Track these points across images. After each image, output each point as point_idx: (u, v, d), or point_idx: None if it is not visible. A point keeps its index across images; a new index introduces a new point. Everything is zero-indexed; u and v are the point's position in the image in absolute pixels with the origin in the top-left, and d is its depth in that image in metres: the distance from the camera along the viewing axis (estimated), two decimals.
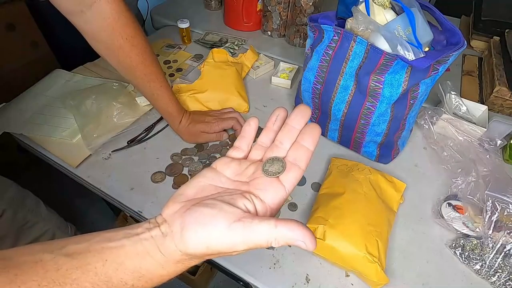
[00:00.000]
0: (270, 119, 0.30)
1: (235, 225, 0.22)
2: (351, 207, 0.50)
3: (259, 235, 0.22)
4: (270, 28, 0.99)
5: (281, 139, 0.28)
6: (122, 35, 0.51)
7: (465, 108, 0.71)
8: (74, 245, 0.22)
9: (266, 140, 0.29)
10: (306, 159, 0.27)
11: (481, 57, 0.94)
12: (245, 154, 0.30)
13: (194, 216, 0.23)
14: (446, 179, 0.61)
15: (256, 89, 0.81)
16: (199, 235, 0.22)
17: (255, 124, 0.30)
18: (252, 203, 0.25)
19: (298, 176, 0.27)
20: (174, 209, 0.25)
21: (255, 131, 0.30)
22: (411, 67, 0.49)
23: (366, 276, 0.45)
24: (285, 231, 0.22)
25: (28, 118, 0.68)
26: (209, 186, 0.27)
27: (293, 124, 0.28)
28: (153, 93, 0.59)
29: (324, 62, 0.58)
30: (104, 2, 0.48)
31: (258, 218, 0.23)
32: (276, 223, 0.22)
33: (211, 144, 0.66)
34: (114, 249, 0.23)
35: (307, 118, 0.28)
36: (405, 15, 0.50)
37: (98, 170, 0.61)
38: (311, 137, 0.27)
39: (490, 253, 0.48)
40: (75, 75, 0.79)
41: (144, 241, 0.23)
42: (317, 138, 0.27)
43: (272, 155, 0.28)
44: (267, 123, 0.30)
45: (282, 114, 0.29)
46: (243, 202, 0.24)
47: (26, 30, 1.11)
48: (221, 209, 0.23)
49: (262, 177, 0.27)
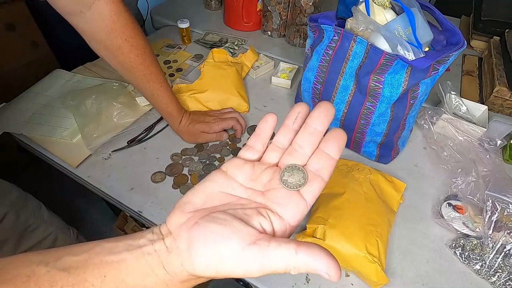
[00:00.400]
0: (290, 116, 0.26)
1: (249, 249, 0.19)
2: (351, 207, 0.50)
3: (277, 263, 0.19)
4: (270, 28, 0.98)
5: (301, 142, 0.25)
6: (121, 36, 0.51)
7: (465, 108, 0.71)
8: (71, 256, 0.20)
9: (284, 141, 0.26)
10: (330, 170, 0.24)
11: (481, 57, 0.94)
12: (260, 155, 0.26)
13: (203, 234, 0.21)
14: (446, 179, 0.61)
15: (256, 89, 0.81)
16: (208, 258, 0.20)
17: (273, 121, 0.26)
18: (269, 221, 0.22)
19: (320, 189, 0.24)
20: (180, 220, 0.22)
21: (272, 130, 0.26)
22: (411, 67, 0.49)
23: (366, 276, 0.45)
24: (307, 258, 0.19)
25: (28, 118, 0.68)
26: (219, 194, 0.24)
27: (315, 126, 0.24)
28: (153, 94, 0.59)
29: (324, 62, 0.58)
30: (103, 2, 0.48)
31: (275, 240, 0.20)
32: (297, 248, 0.19)
33: (211, 144, 0.66)
34: (115, 263, 0.20)
35: (331, 118, 0.24)
36: (405, 15, 0.50)
37: (98, 170, 0.61)
38: (336, 145, 0.24)
39: (490, 253, 0.48)
40: (75, 75, 0.79)
41: (147, 255, 0.21)
42: (343, 146, 0.24)
43: (290, 161, 0.25)
44: (286, 120, 0.26)
45: (303, 112, 0.25)
46: (259, 220, 0.22)
47: (26, 30, 1.11)
48: (234, 228, 0.20)
49: (280, 188, 0.23)
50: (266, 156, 0.26)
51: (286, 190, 0.23)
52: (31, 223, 0.70)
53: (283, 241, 0.20)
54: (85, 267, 0.20)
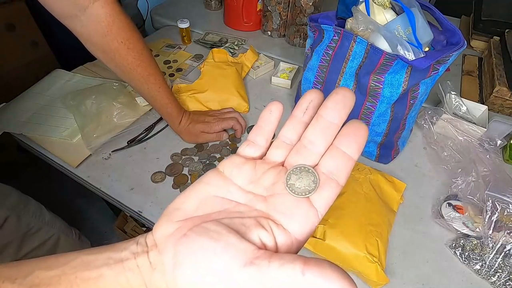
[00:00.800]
0: (300, 105, 0.21)
1: (245, 270, 0.16)
2: (351, 207, 0.50)
3: (279, 285, 0.16)
4: (270, 28, 0.98)
5: (312, 137, 0.20)
6: (118, 39, 0.50)
7: (465, 108, 0.71)
8: (43, 271, 0.18)
9: (291, 135, 0.22)
10: (347, 172, 0.20)
11: (481, 57, 0.94)
12: (262, 152, 0.22)
13: (191, 250, 0.18)
14: (446, 179, 0.61)
15: (256, 89, 0.81)
16: (197, 280, 0.17)
17: (278, 111, 0.22)
18: (271, 234, 0.18)
19: (335, 195, 0.20)
20: (167, 230, 0.19)
21: (277, 121, 0.22)
22: (411, 67, 0.49)
23: (366, 276, 0.45)
24: (316, 280, 0.15)
25: (28, 118, 0.68)
26: (213, 198, 0.20)
27: (329, 118, 0.20)
28: (152, 95, 0.59)
29: (324, 62, 0.58)
30: (98, 5, 0.47)
31: (277, 258, 0.16)
32: (304, 268, 0.15)
33: (211, 144, 0.66)
34: (92, 280, 0.18)
35: (349, 109, 0.20)
36: (405, 15, 0.50)
37: (98, 170, 0.61)
38: (356, 141, 0.19)
39: (490, 253, 0.48)
40: (75, 75, 0.79)
41: (128, 272, 0.18)
42: (363, 143, 0.20)
43: (299, 160, 0.20)
44: (295, 110, 0.21)
45: (316, 100, 0.21)
46: (258, 233, 0.18)
47: (26, 30, 1.11)
48: (228, 243, 0.17)
49: (285, 194, 0.20)
50: (270, 153, 0.22)
51: (293, 197, 0.19)
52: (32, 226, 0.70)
53: (287, 259, 0.16)
54: (58, 284, 0.17)
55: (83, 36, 0.51)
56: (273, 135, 0.23)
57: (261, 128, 0.22)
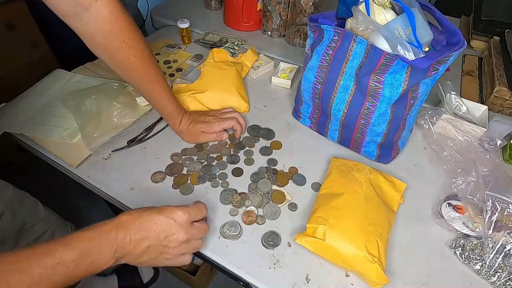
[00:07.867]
0: None
1: None
2: (351, 207, 0.50)
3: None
4: (270, 28, 0.99)
5: None
6: (119, 38, 0.50)
7: (465, 108, 0.71)
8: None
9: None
10: None
11: (481, 57, 0.94)
12: None
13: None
14: (446, 179, 0.61)
15: (256, 89, 0.81)
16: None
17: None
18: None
19: None
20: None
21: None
22: (411, 67, 0.49)
23: (366, 276, 0.45)
24: None
25: (28, 118, 0.68)
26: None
27: None
28: (152, 94, 0.59)
29: (324, 62, 0.58)
30: (100, 4, 0.47)
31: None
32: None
33: (211, 144, 0.66)
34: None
35: None
36: (405, 15, 0.50)
37: (98, 170, 0.61)
38: None
39: (490, 253, 0.48)
40: (75, 75, 0.79)
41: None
42: None
43: None
44: None
45: None
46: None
47: (26, 30, 1.11)
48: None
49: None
50: None
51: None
52: (27, 221, 0.70)
53: None
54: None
55: (85, 34, 0.51)
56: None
57: None
